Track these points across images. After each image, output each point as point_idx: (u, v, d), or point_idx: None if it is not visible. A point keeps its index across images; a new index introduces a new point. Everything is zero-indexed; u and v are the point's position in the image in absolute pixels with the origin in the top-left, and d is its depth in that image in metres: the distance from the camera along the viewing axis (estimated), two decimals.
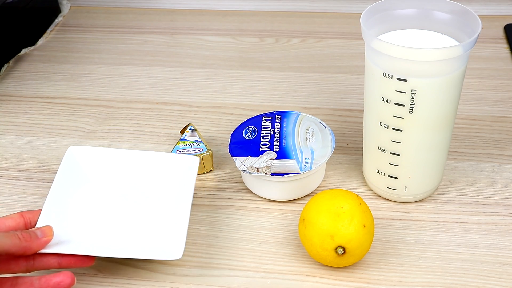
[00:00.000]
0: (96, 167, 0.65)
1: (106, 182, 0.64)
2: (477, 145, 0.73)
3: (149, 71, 0.90)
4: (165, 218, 0.61)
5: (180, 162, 0.65)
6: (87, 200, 0.62)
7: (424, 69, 0.55)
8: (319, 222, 0.56)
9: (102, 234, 0.59)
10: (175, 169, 0.65)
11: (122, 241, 0.58)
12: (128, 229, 0.60)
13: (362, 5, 0.87)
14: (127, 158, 0.66)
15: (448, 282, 0.57)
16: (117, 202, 0.63)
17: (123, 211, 0.62)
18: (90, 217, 0.60)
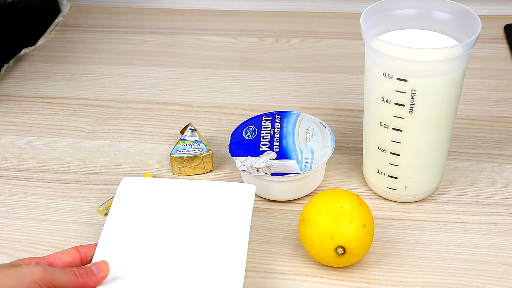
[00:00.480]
0: (150, 198, 0.62)
1: (160, 213, 0.61)
2: (477, 145, 0.73)
3: (149, 71, 0.90)
4: (222, 249, 0.57)
5: (236, 190, 0.61)
6: (141, 232, 0.59)
7: (424, 69, 0.55)
8: (319, 222, 0.56)
9: (157, 267, 0.56)
10: (231, 197, 0.61)
11: (178, 275, 0.55)
12: (184, 262, 0.56)
13: (362, 5, 0.87)
14: (181, 188, 0.62)
15: (448, 282, 0.57)
16: (172, 234, 0.59)
17: (178, 243, 0.58)
18: (145, 250, 0.57)
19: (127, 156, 0.74)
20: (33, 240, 0.64)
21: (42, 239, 0.64)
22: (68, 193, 0.69)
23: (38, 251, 0.62)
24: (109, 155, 0.75)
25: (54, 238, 0.64)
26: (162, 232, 0.59)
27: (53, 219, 0.66)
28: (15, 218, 0.66)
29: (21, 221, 0.66)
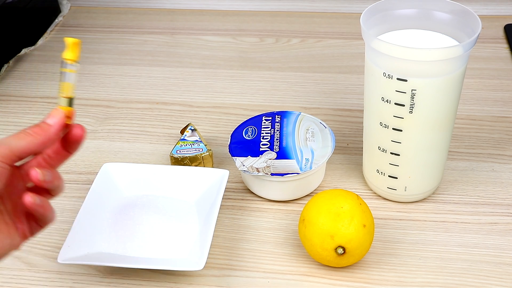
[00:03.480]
0: (128, 182, 0.66)
1: (137, 195, 0.66)
2: (477, 145, 0.73)
3: (149, 71, 0.90)
4: (191, 229, 0.62)
5: (210, 174, 0.66)
6: (117, 213, 0.64)
7: (424, 69, 0.55)
8: (319, 222, 0.56)
9: (128, 245, 0.60)
10: (206, 181, 0.66)
11: (147, 252, 0.59)
12: (154, 241, 0.61)
13: (362, 5, 0.87)
14: (159, 173, 0.67)
15: (448, 282, 0.57)
16: (146, 215, 0.63)
17: (151, 222, 0.62)
18: (119, 229, 0.62)
19: (127, 156, 0.74)
20: (33, 240, 0.63)
21: (42, 239, 0.64)
22: (68, 193, 0.69)
23: (38, 251, 0.62)
24: (109, 155, 0.75)
25: (54, 238, 0.64)
26: (136, 213, 0.63)
27: None
28: None
29: None
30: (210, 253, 0.61)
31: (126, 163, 0.71)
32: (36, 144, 0.47)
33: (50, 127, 0.48)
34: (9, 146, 0.45)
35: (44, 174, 0.46)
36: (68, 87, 0.48)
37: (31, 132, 0.47)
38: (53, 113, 0.49)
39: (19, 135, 0.47)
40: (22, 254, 0.62)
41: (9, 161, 0.45)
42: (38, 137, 0.47)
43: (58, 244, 0.63)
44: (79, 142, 0.50)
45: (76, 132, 0.49)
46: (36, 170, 0.46)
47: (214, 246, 0.62)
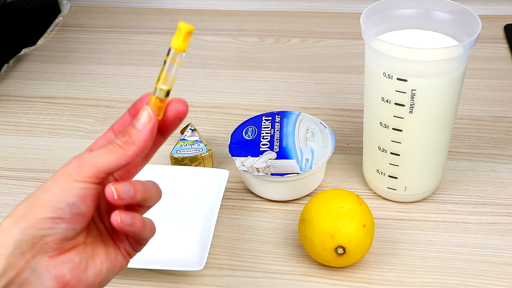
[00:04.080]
0: None
1: None
2: (477, 145, 0.73)
3: (149, 71, 0.90)
4: (190, 229, 0.62)
5: (211, 174, 0.66)
6: None
7: (424, 69, 0.55)
8: (319, 222, 0.56)
9: None
10: (206, 181, 0.66)
11: (148, 251, 0.57)
12: (155, 240, 0.60)
13: (362, 5, 0.87)
14: (160, 173, 0.66)
15: (448, 282, 0.57)
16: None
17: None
18: None
19: None
20: None
21: None
22: None
23: None
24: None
25: None
26: None
27: None
28: None
29: None
30: (210, 253, 0.61)
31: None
32: (127, 157, 0.39)
33: (139, 134, 0.40)
34: (95, 164, 0.38)
35: (120, 190, 0.39)
36: (169, 79, 0.40)
37: (121, 144, 0.40)
38: (142, 114, 0.40)
39: (107, 148, 0.39)
40: None
41: (95, 180, 0.39)
42: (129, 150, 0.39)
43: None
44: (179, 121, 0.41)
45: (175, 109, 0.41)
46: (111, 189, 0.39)
47: (214, 246, 0.62)
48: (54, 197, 0.38)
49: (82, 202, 0.38)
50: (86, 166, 0.38)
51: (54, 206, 0.37)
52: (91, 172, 0.38)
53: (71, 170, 0.38)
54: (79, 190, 0.38)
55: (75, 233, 0.38)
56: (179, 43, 0.40)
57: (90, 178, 0.38)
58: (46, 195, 0.38)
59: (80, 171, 0.38)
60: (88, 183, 0.38)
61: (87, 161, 0.38)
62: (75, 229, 0.38)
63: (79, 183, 0.38)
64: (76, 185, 0.38)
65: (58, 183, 0.38)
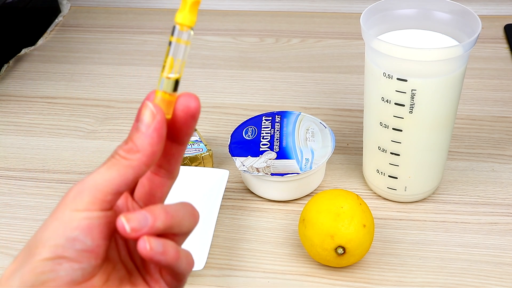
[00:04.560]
0: None
1: None
2: (477, 145, 0.73)
3: (149, 71, 0.90)
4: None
5: (210, 174, 0.66)
6: None
7: (424, 69, 0.55)
8: (319, 222, 0.56)
9: None
10: (206, 181, 0.66)
11: None
12: None
13: (362, 5, 0.87)
14: None
15: (448, 282, 0.57)
16: None
17: None
18: None
19: None
20: None
21: None
22: None
23: None
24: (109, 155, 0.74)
25: None
26: None
27: None
28: (15, 218, 0.66)
29: (21, 221, 0.66)
30: (210, 253, 0.61)
31: None
32: (134, 169, 0.32)
33: (143, 137, 0.32)
34: (96, 186, 0.32)
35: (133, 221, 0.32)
36: (177, 64, 0.34)
37: (123, 154, 0.33)
38: (143, 112, 0.33)
39: (108, 164, 0.33)
40: None
41: (101, 205, 0.32)
42: (134, 159, 0.32)
43: None
44: (192, 120, 0.34)
45: (184, 105, 0.34)
46: (121, 221, 0.32)
47: (214, 246, 0.62)
48: (52, 234, 0.31)
49: (87, 235, 0.31)
50: (86, 191, 0.31)
51: (53, 244, 0.31)
52: (93, 197, 0.31)
53: (70, 200, 0.32)
54: (82, 221, 0.31)
55: (85, 273, 0.31)
56: (184, 17, 0.32)
57: (94, 205, 0.31)
58: (45, 233, 0.31)
59: (80, 198, 0.31)
60: (91, 211, 0.31)
61: (86, 185, 0.32)
62: (83, 269, 0.31)
63: (80, 213, 0.31)
64: (77, 215, 0.31)
65: (57, 217, 0.32)
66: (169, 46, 0.33)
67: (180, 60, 0.33)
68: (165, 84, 0.33)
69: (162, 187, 0.36)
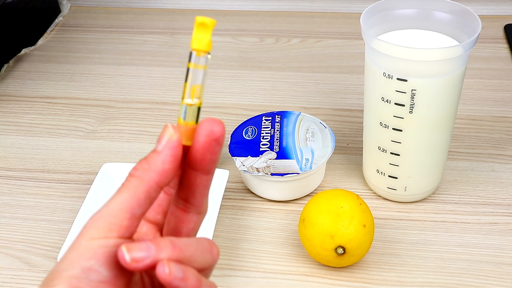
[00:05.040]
0: None
1: None
2: (477, 145, 0.73)
3: (149, 71, 0.90)
4: None
5: None
6: None
7: (424, 69, 0.55)
8: (319, 222, 0.56)
9: None
10: None
11: None
12: None
13: (362, 5, 0.87)
14: None
15: (448, 282, 0.57)
16: None
17: None
18: None
19: (127, 156, 0.74)
20: (33, 240, 0.64)
21: (42, 239, 0.64)
22: (68, 193, 0.69)
23: (38, 251, 0.62)
24: (109, 155, 0.75)
25: (54, 238, 0.64)
26: None
27: (53, 219, 0.66)
28: (15, 218, 0.66)
29: (21, 221, 0.66)
30: None
31: (126, 163, 0.71)
32: (144, 187, 0.31)
33: (157, 156, 0.32)
34: (110, 211, 0.31)
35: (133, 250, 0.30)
36: (196, 90, 0.33)
37: (134, 173, 0.32)
38: (163, 133, 0.32)
39: (120, 188, 0.32)
40: (22, 254, 0.62)
41: (118, 232, 0.30)
42: (145, 177, 0.31)
43: (58, 244, 0.63)
44: (217, 146, 0.33)
45: (207, 130, 0.32)
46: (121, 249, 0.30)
47: None
48: (68, 265, 0.30)
49: (103, 264, 0.30)
50: (101, 218, 0.30)
51: (68, 275, 0.29)
52: (108, 223, 0.30)
53: (86, 229, 0.30)
54: (98, 250, 0.30)
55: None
56: (200, 43, 0.32)
57: (111, 232, 0.30)
58: (62, 265, 0.30)
59: (96, 226, 0.30)
60: (109, 239, 0.30)
61: (102, 213, 0.31)
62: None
63: (96, 241, 0.30)
64: (94, 244, 0.30)
65: (74, 248, 0.30)
66: (187, 73, 0.33)
67: (199, 85, 0.33)
68: (187, 112, 0.33)
69: (188, 223, 0.35)
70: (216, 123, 0.32)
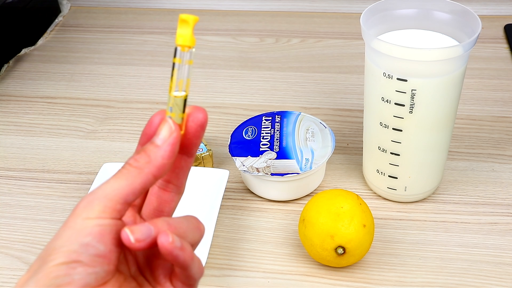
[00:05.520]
0: None
1: None
2: (477, 145, 0.73)
3: (149, 71, 0.90)
4: None
5: (211, 174, 0.66)
6: None
7: (424, 69, 0.55)
8: (319, 222, 0.56)
9: None
10: (206, 181, 0.66)
11: None
12: None
13: (362, 5, 0.87)
14: None
15: (448, 282, 0.57)
16: None
17: None
18: None
19: (127, 156, 0.74)
20: (33, 240, 0.64)
21: (42, 239, 0.64)
22: (68, 193, 0.69)
23: (38, 251, 0.62)
24: (109, 155, 0.75)
25: None
26: None
27: (53, 219, 0.66)
28: (15, 218, 0.66)
29: (21, 221, 0.66)
30: (210, 253, 0.61)
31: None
32: (142, 178, 0.34)
33: (158, 150, 0.34)
34: (105, 195, 0.33)
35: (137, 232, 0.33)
36: (182, 83, 0.35)
37: (134, 163, 0.34)
38: (162, 127, 0.35)
39: (118, 173, 0.34)
40: (22, 254, 0.62)
41: (112, 214, 0.33)
42: (144, 169, 0.34)
43: None
44: (202, 131, 0.36)
45: (195, 119, 0.36)
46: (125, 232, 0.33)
47: (214, 246, 0.62)
48: (65, 241, 0.32)
49: (99, 241, 0.32)
50: (96, 200, 0.33)
51: (66, 250, 0.32)
52: (103, 205, 0.33)
53: (81, 209, 0.33)
54: (94, 228, 0.33)
55: (98, 277, 0.32)
56: (184, 39, 0.34)
57: (104, 213, 0.33)
58: (58, 241, 0.33)
59: (91, 207, 0.33)
60: (102, 219, 0.33)
61: (96, 195, 0.33)
62: (97, 273, 0.32)
63: (92, 221, 0.33)
64: (89, 223, 0.33)
65: (69, 226, 0.33)
66: (173, 67, 0.35)
67: (185, 79, 0.35)
68: (174, 103, 0.35)
69: (170, 203, 0.38)
70: (201, 111, 0.36)
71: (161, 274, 0.37)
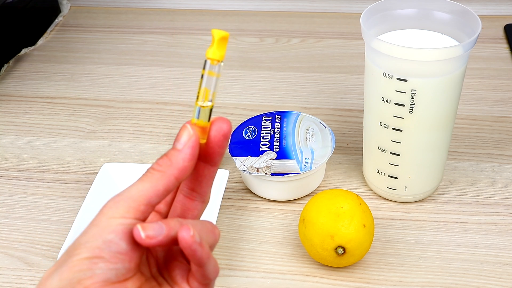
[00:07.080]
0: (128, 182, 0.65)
1: None
2: (477, 145, 0.73)
3: (149, 71, 0.90)
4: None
5: None
6: None
7: (424, 69, 0.55)
8: (319, 222, 0.56)
9: None
10: None
11: None
12: None
13: (362, 5, 0.87)
14: None
15: (448, 282, 0.57)
16: None
17: None
18: None
19: (127, 156, 0.74)
20: (33, 240, 0.64)
21: (42, 239, 0.64)
22: (68, 193, 0.69)
23: (38, 251, 0.62)
24: (109, 155, 0.75)
25: (54, 238, 0.64)
26: None
27: (53, 219, 0.66)
28: (15, 218, 0.66)
29: (21, 221, 0.66)
30: None
31: (126, 163, 0.71)
32: (164, 181, 0.36)
33: (179, 153, 0.37)
34: (130, 196, 0.35)
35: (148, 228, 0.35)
36: (209, 93, 0.37)
37: (157, 167, 0.37)
38: (182, 133, 0.37)
39: (142, 177, 0.37)
40: (22, 254, 0.62)
41: (135, 214, 0.35)
42: (166, 172, 0.36)
43: (58, 244, 0.63)
44: (226, 142, 0.39)
45: (219, 129, 0.38)
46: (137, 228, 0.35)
47: None
48: (90, 237, 0.34)
49: (121, 238, 0.34)
50: (121, 201, 0.35)
51: (90, 245, 0.34)
52: (128, 206, 0.35)
53: (107, 209, 0.35)
54: (117, 227, 0.35)
55: (118, 274, 0.34)
56: (214, 52, 0.36)
57: (128, 213, 0.35)
58: (84, 237, 0.35)
59: (116, 207, 0.35)
60: (126, 218, 0.35)
61: (122, 196, 0.36)
62: (117, 269, 0.34)
63: (116, 220, 0.35)
64: (113, 221, 0.35)
65: (96, 224, 0.35)
66: (201, 79, 0.37)
67: (212, 90, 0.37)
68: (200, 113, 0.37)
69: (193, 211, 0.40)
70: (225, 121, 0.38)
71: (178, 275, 0.39)
